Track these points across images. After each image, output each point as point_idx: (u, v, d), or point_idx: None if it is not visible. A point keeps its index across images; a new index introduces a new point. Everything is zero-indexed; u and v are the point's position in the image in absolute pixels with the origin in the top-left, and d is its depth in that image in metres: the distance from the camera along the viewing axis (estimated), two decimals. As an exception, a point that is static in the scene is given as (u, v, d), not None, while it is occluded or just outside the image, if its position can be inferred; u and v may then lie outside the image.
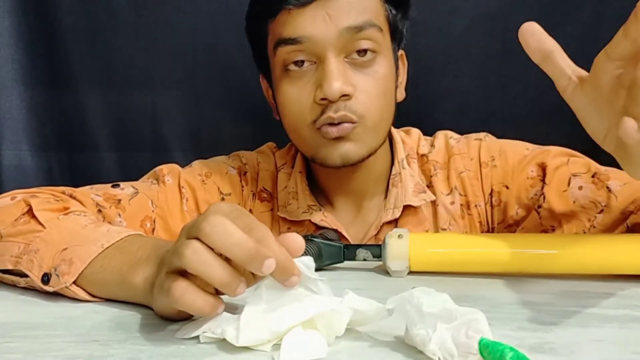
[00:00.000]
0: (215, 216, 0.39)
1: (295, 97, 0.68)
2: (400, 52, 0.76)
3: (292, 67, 0.68)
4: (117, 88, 1.02)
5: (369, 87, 0.68)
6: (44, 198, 0.60)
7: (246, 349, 0.38)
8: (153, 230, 0.72)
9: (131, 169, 0.98)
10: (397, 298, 0.38)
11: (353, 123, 0.67)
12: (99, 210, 0.66)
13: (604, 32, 0.96)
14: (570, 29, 0.95)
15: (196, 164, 0.80)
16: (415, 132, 0.82)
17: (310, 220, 0.75)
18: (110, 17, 1.01)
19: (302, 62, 0.67)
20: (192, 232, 0.39)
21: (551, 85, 0.50)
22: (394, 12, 0.71)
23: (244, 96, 1.02)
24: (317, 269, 0.59)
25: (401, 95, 0.76)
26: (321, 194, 0.78)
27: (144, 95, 1.02)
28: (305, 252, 0.54)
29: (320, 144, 0.69)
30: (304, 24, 0.65)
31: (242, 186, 0.80)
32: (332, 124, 0.67)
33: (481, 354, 0.33)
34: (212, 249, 0.38)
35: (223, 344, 0.39)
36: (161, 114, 1.03)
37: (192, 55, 1.01)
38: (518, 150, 0.75)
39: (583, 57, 0.93)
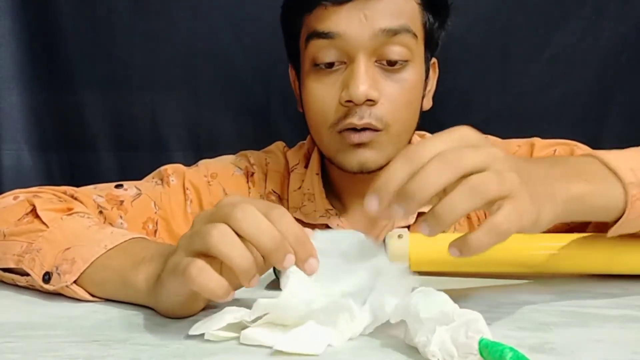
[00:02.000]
0: (246, 204, 0.39)
1: (320, 96, 0.68)
2: (433, 60, 0.75)
3: (322, 65, 0.67)
4: (117, 88, 1.02)
5: (395, 94, 0.66)
6: (47, 198, 0.60)
7: (246, 349, 0.38)
8: (155, 231, 0.72)
9: (131, 169, 0.98)
10: (398, 309, 0.38)
11: (376, 131, 0.66)
12: (100, 212, 0.66)
13: (604, 32, 0.97)
14: (570, 29, 0.95)
15: (202, 163, 0.79)
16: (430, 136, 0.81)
17: (327, 225, 0.74)
18: (110, 17, 1.01)
19: (332, 64, 0.66)
20: (218, 217, 0.39)
21: (551, 85, 0.50)
22: (431, 20, 0.69)
23: (244, 96, 1.02)
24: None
25: (428, 103, 0.75)
26: (335, 196, 0.77)
27: (144, 95, 1.02)
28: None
29: (339, 148, 0.68)
30: (338, 21, 0.65)
31: (249, 187, 0.78)
32: (354, 130, 0.66)
33: (481, 354, 0.33)
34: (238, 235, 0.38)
35: (223, 344, 0.39)
36: (161, 114, 1.03)
37: (192, 56, 1.01)
38: (509, 148, 0.75)
39: (583, 57, 0.94)
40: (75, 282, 0.50)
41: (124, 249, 0.51)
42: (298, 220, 0.74)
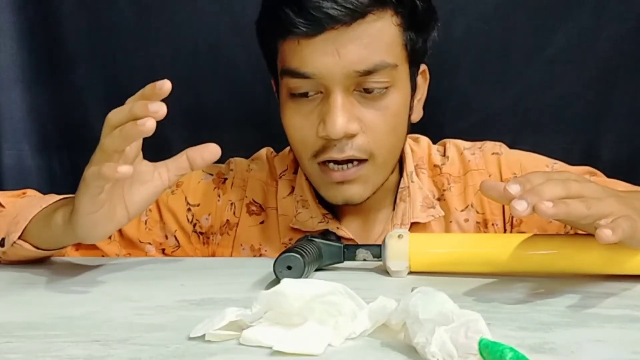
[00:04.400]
0: (111, 112, 0.51)
1: (298, 126, 0.66)
2: (423, 67, 0.72)
3: (298, 95, 0.65)
4: (118, 87, 1.02)
5: (378, 123, 0.64)
6: (10, 192, 0.73)
7: (246, 349, 0.38)
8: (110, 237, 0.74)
9: (131, 169, 0.98)
10: (398, 311, 0.38)
11: (361, 161, 0.65)
12: None
13: (604, 32, 0.97)
14: (570, 29, 0.95)
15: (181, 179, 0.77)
16: (424, 140, 0.79)
17: (327, 230, 0.72)
18: (112, 17, 1.00)
19: (308, 93, 0.64)
20: None
21: (550, 86, 0.50)
22: (414, 37, 0.66)
23: (246, 98, 1.02)
24: (317, 269, 0.59)
25: (418, 115, 0.72)
26: (326, 203, 0.74)
27: (145, 95, 1.02)
28: (306, 252, 0.54)
29: (323, 182, 0.67)
30: (311, 58, 0.62)
31: (218, 195, 0.77)
32: (336, 162, 0.64)
33: (481, 354, 0.33)
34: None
35: (223, 344, 0.39)
36: (162, 114, 1.03)
37: (194, 57, 1.01)
38: (538, 168, 0.73)
39: (583, 57, 0.94)
40: (20, 238, 0.61)
41: (54, 206, 0.61)
42: (296, 230, 0.73)
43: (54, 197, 0.65)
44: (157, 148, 0.93)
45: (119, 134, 0.48)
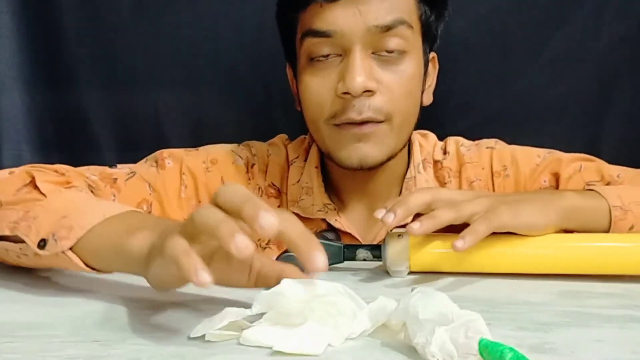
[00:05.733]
0: (226, 184, 0.41)
1: (316, 88, 0.67)
2: (432, 54, 0.74)
3: (317, 57, 0.66)
4: (119, 88, 1.02)
5: (394, 84, 0.66)
6: (46, 172, 0.60)
7: (246, 349, 0.38)
8: (149, 213, 0.71)
9: (132, 169, 0.98)
10: (398, 311, 0.38)
11: (378, 122, 0.65)
12: (91, 191, 0.65)
13: (604, 32, 0.97)
14: (570, 29, 0.95)
15: (203, 148, 0.78)
16: (432, 136, 0.81)
17: (324, 220, 0.74)
18: (112, 16, 1.00)
19: (328, 55, 0.66)
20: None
21: (551, 85, 0.51)
22: (428, 12, 0.69)
23: (245, 96, 1.02)
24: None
25: (428, 99, 0.74)
26: (333, 191, 0.76)
27: (146, 95, 1.02)
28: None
29: (338, 143, 0.67)
30: (333, 18, 0.64)
31: (249, 179, 0.78)
32: (354, 123, 0.65)
33: (481, 354, 0.33)
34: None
35: (223, 344, 0.39)
36: (163, 114, 1.03)
37: (194, 55, 1.01)
38: (530, 158, 0.75)
39: (583, 57, 0.94)
40: (70, 249, 0.49)
41: (121, 218, 0.50)
42: (295, 214, 0.73)
43: (111, 203, 0.57)
44: (156, 148, 0.93)
45: (222, 226, 0.37)
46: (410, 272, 0.58)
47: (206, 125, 1.04)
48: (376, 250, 0.60)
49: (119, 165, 0.71)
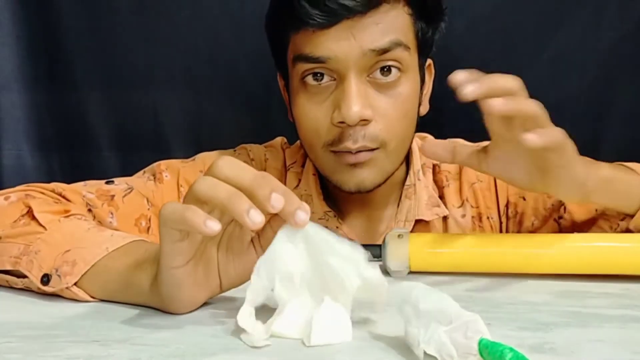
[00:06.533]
0: (226, 157, 0.42)
1: (311, 115, 0.66)
2: (429, 61, 0.73)
3: (311, 81, 0.65)
4: (118, 87, 1.02)
5: (390, 110, 0.64)
6: (43, 200, 0.60)
7: (246, 348, 0.38)
8: (148, 228, 0.71)
9: (132, 169, 0.97)
10: (398, 297, 0.38)
11: (372, 150, 0.65)
12: (89, 210, 0.65)
13: (604, 32, 0.96)
14: (570, 29, 0.95)
15: (199, 157, 0.78)
16: (431, 139, 0.80)
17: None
18: (111, 16, 1.00)
19: (322, 76, 0.64)
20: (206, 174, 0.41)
21: (551, 85, 0.51)
22: (424, 27, 0.67)
23: (245, 96, 1.02)
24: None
25: (425, 108, 0.73)
26: (332, 199, 0.75)
27: (145, 94, 1.02)
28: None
29: (335, 168, 0.67)
30: (327, 44, 0.62)
31: None
32: (349, 152, 0.64)
33: (481, 354, 0.33)
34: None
35: (223, 344, 0.39)
36: (162, 114, 1.03)
37: (193, 55, 1.01)
38: None
39: (583, 57, 0.93)
40: (75, 283, 0.50)
41: (125, 251, 0.50)
42: None
43: (110, 231, 0.54)
44: (156, 148, 0.94)
45: (222, 190, 0.40)
46: (410, 272, 0.58)
47: (206, 125, 1.04)
48: (376, 250, 0.60)
49: (115, 181, 0.70)
